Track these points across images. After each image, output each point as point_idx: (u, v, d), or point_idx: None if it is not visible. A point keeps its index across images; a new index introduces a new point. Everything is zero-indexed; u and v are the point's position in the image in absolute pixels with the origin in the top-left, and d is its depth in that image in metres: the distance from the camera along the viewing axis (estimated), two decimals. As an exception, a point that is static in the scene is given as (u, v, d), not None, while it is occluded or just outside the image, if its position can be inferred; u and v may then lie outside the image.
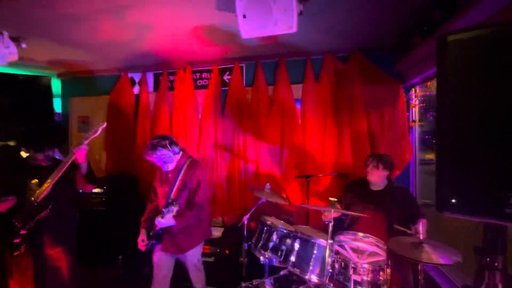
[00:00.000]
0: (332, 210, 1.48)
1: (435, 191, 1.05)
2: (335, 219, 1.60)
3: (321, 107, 3.00)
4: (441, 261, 1.39)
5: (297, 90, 3.11)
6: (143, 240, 2.00)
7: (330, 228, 1.45)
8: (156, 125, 3.54)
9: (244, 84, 3.31)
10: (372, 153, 2.69)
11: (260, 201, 2.20)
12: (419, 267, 1.54)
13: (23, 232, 1.85)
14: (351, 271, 1.61)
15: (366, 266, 1.58)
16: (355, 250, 1.57)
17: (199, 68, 3.47)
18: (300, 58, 3.13)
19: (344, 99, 2.91)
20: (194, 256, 2.12)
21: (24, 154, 2.15)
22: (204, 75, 3.48)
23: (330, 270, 1.51)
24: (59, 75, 3.97)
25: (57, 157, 2.18)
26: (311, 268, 1.66)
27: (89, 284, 2.77)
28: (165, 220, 1.82)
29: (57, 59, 3.36)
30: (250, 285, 1.82)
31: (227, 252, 2.65)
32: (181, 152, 2.06)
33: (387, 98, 2.78)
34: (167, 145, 1.93)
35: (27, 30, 2.55)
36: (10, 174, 1.99)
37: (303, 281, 1.86)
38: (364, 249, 1.52)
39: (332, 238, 1.54)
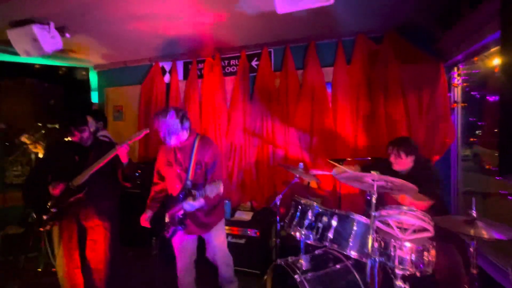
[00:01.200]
0: (377, 174, 1.39)
1: (498, 158, 0.98)
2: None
3: (354, 90, 2.90)
4: (495, 237, 1.29)
5: (327, 73, 3.04)
6: (147, 219, 2.00)
7: (374, 200, 1.39)
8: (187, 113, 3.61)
9: (273, 69, 3.28)
10: (408, 136, 2.55)
11: (294, 180, 2.17)
12: (471, 250, 1.43)
13: (53, 210, 1.98)
14: (391, 250, 1.54)
15: (409, 244, 1.51)
16: (398, 226, 1.50)
17: (227, 55, 3.49)
18: (331, 41, 3.05)
19: (378, 81, 2.79)
20: (218, 236, 2.05)
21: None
22: (232, 61, 3.50)
23: (374, 247, 1.43)
24: (95, 67, 4.19)
25: (101, 138, 2.31)
26: (350, 244, 1.61)
27: (125, 262, 2.91)
28: (198, 202, 1.73)
29: (95, 50, 3.53)
30: (285, 262, 1.79)
31: (258, 234, 2.66)
32: (189, 131, 1.93)
33: (426, 78, 2.62)
34: (180, 115, 1.82)
35: (70, 21, 2.70)
36: (59, 156, 2.13)
37: (339, 259, 1.81)
38: (410, 224, 1.44)
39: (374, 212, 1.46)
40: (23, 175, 3.64)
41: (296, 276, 1.60)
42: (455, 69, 2.67)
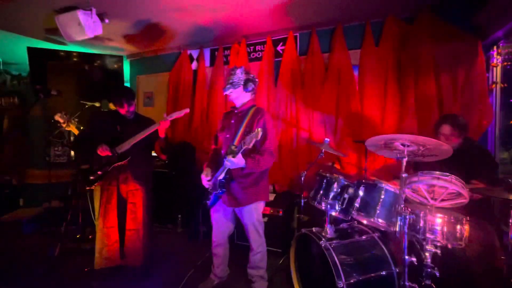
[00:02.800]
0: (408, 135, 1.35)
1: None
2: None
3: (382, 72, 2.83)
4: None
5: (354, 56, 2.99)
6: (207, 175, 1.97)
7: (404, 163, 1.37)
8: (212, 98, 3.73)
9: (298, 54, 3.29)
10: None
11: (319, 155, 2.18)
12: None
13: (99, 172, 2.16)
14: (421, 221, 1.50)
15: (441, 215, 1.46)
16: (430, 192, 1.46)
17: (253, 41, 3.55)
18: (358, 23, 3.01)
19: (409, 62, 2.71)
20: (251, 214, 1.97)
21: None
22: (258, 47, 3.56)
23: (404, 214, 1.40)
24: (128, 56, 4.44)
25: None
26: (378, 212, 1.59)
27: (155, 237, 3.07)
28: (237, 159, 1.69)
29: (130, 37, 3.74)
30: (309, 231, 1.81)
31: (280, 213, 2.68)
32: (248, 98, 2.00)
33: (462, 57, 2.50)
34: (246, 75, 1.92)
35: (111, 8, 2.90)
36: (104, 123, 2.31)
37: (365, 232, 1.79)
38: (442, 188, 1.39)
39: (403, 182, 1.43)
40: (64, 155, 3.96)
41: (321, 242, 1.61)
42: (495, 47, 2.52)
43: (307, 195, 2.28)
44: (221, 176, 1.89)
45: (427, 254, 1.48)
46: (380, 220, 1.59)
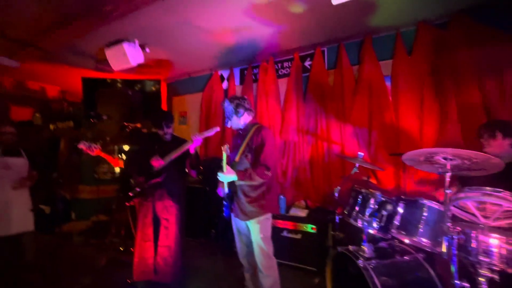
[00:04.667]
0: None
1: None
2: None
3: (417, 81, 2.71)
4: None
5: (385, 67, 2.92)
6: (223, 187, 2.03)
7: (447, 178, 1.28)
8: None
9: (326, 68, 3.30)
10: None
11: (354, 169, 2.12)
12: None
13: (137, 189, 2.33)
14: (473, 242, 1.37)
15: (497, 235, 1.32)
16: (481, 209, 1.33)
17: (280, 59, 3.64)
18: (388, 34, 2.94)
19: (447, 69, 2.57)
20: (256, 229, 1.93)
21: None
22: (286, 64, 3.64)
23: (451, 234, 1.29)
24: (164, 80, 4.80)
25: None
26: (420, 230, 1.48)
27: (188, 251, 3.16)
28: (227, 172, 1.83)
29: (167, 63, 4.07)
30: (346, 250, 1.74)
31: (314, 229, 2.62)
32: (248, 118, 2.10)
33: (508, 60, 2.31)
34: (235, 103, 2.05)
35: (149, 39, 3.21)
36: (145, 144, 2.52)
37: (408, 251, 1.67)
38: (496, 205, 1.27)
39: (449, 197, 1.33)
40: (109, 172, 4.32)
41: (359, 261, 1.54)
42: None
43: (342, 211, 2.20)
44: (227, 189, 2.00)
45: (482, 279, 1.33)
46: (423, 240, 1.48)
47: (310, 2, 2.42)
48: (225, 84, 4.13)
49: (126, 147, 3.42)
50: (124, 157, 2.81)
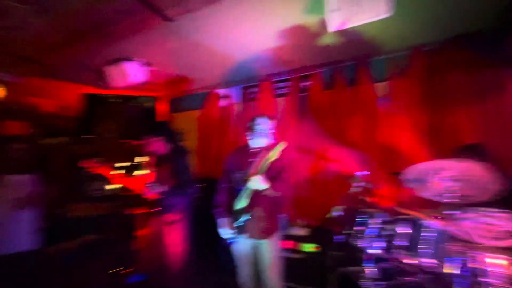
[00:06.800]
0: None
1: None
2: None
3: (410, 103, 2.83)
4: None
5: (380, 88, 3.04)
6: (229, 227, 2.05)
7: (446, 200, 1.31)
8: (240, 134, 3.88)
9: (323, 88, 3.40)
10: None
11: (351, 189, 2.14)
12: None
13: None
14: (478, 262, 1.38)
15: (500, 256, 1.33)
16: (481, 229, 1.36)
17: (278, 78, 3.75)
18: (383, 57, 3.09)
19: (437, 92, 2.71)
20: (272, 247, 1.99)
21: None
22: (283, 84, 3.74)
23: (453, 255, 1.31)
24: (162, 96, 4.84)
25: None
26: (422, 250, 1.49)
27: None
28: (260, 178, 1.83)
29: (169, 81, 4.13)
30: (348, 271, 1.73)
31: (314, 249, 2.59)
32: (270, 140, 2.15)
33: (492, 87, 2.45)
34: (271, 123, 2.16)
35: (152, 58, 3.28)
36: None
37: (409, 272, 1.67)
38: (495, 225, 1.29)
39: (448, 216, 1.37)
40: (100, 189, 4.22)
41: (362, 284, 1.53)
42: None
43: (340, 230, 2.21)
44: (243, 204, 1.97)
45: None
46: (425, 260, 1.49)
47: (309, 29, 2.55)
48: (223, 103, 4.19)
49: (122, 164, 3.38)
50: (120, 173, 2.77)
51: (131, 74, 3.13)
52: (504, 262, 1.30)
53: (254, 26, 2.54)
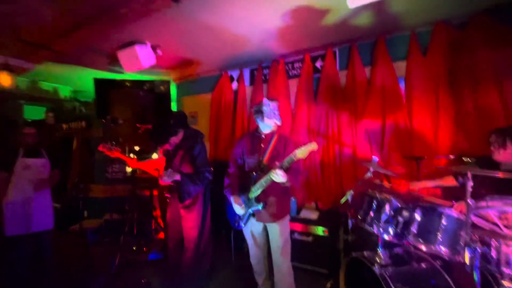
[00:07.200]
0: (469, 173, 1.25)
1: None
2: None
3: (432, 83, 2.66)
4: None
5: (399, 68, 2.87)
6: (240, 204, 2.07)
7: (469, 188, 1.25)
8: (252, 117, 3.84)
9: (338, 68, 3.26)
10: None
11: (367, 174, 2.10)
12: None
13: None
14: (494, 251, 1.34)
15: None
16: (502, 218, 1.31)
17: (291, 59, 3.62)
18: (402, 34, 2.89)
19: (464, 71, 2.51)
20: (281, 229, 2.03)
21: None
22: (296, 64, 3.61)
23: (474, 246, 1.26)
24: (174, 80, 4.82)
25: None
26: (439, 238, 1.46)
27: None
28: (282, 173, 1.80)
29: (176, 64, 4.08)
30: (361, 255, 1.73)
31: (326, 232, 2.61)
32: (277, 126, 2.18)
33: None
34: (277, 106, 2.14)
35: (162, 40, 3.22)
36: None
37: (424, 259, 1.65)
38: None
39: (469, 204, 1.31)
40: (120, 171, 4.38)
41: (375, 268, 1.53)
42: None
43: (355, 215, 2.19)
44: (258, 192, 1.99)
45: (504, 288, 1.31)
46: (442, 248, 1.46)
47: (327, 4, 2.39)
48: (234, 85, 4.12)
49: (137, 148, 3.46)
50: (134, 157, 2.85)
51: (142, 57, 3.10)
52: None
53: (265, 3, 2.40)
